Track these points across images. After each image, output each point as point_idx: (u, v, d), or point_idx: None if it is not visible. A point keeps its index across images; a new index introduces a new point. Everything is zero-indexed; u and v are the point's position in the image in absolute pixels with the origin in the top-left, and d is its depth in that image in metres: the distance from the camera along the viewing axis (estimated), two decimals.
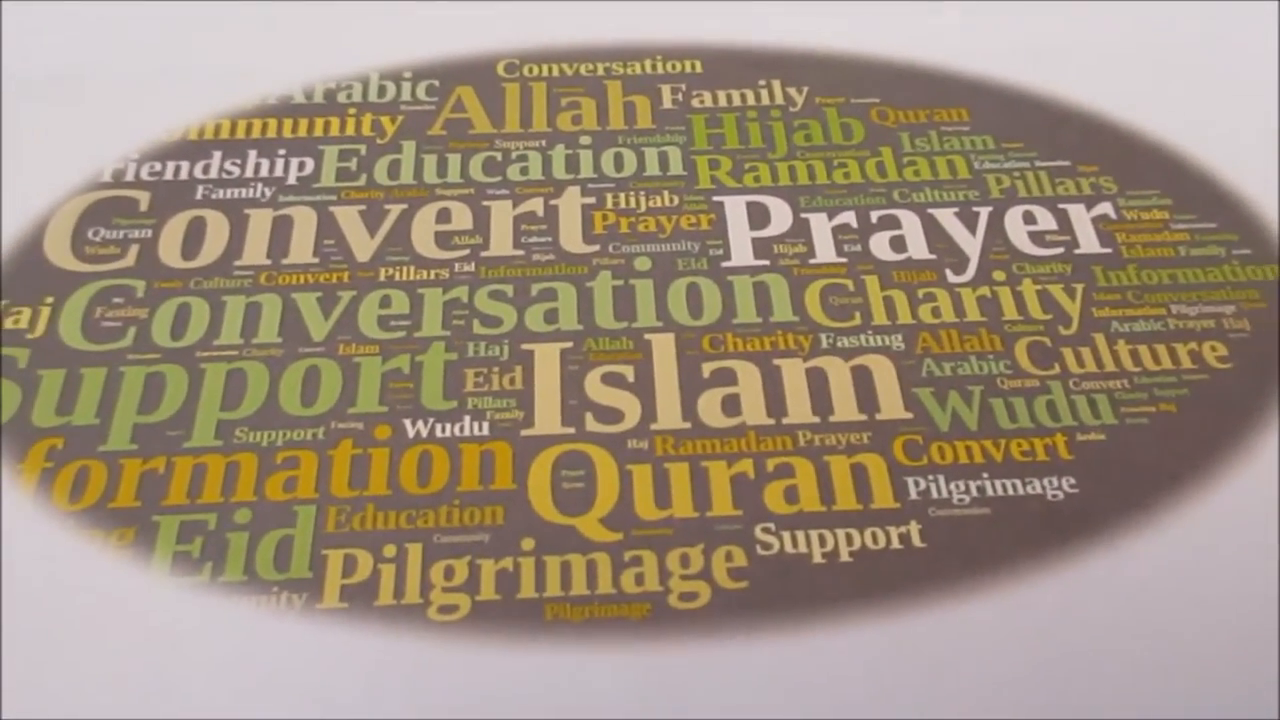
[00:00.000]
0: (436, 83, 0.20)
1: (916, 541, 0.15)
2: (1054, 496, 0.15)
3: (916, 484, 0.15)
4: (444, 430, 0.16)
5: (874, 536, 0.15)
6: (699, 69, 0.20)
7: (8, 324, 0.16)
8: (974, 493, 0.15)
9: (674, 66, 0.20)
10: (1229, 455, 0.15)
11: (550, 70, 0.20)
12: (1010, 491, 0.15)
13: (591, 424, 0.16)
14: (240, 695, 0.14)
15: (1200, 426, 0.16)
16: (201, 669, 0.14)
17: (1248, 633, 0.14)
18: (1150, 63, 0.20)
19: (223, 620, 0.14)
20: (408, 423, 0.16)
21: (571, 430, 0.16)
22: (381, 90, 0.20)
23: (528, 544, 0.15)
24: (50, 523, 0.15)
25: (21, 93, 0.19)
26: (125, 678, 0.14)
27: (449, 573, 0.14)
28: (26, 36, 0.19)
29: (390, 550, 0.14)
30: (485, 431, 0.16)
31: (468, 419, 0.16)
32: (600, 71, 0.20)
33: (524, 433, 0.15)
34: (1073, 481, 0.15)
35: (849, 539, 0.15)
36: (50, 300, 0.17)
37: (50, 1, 0.20)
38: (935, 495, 0.15)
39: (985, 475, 0.15)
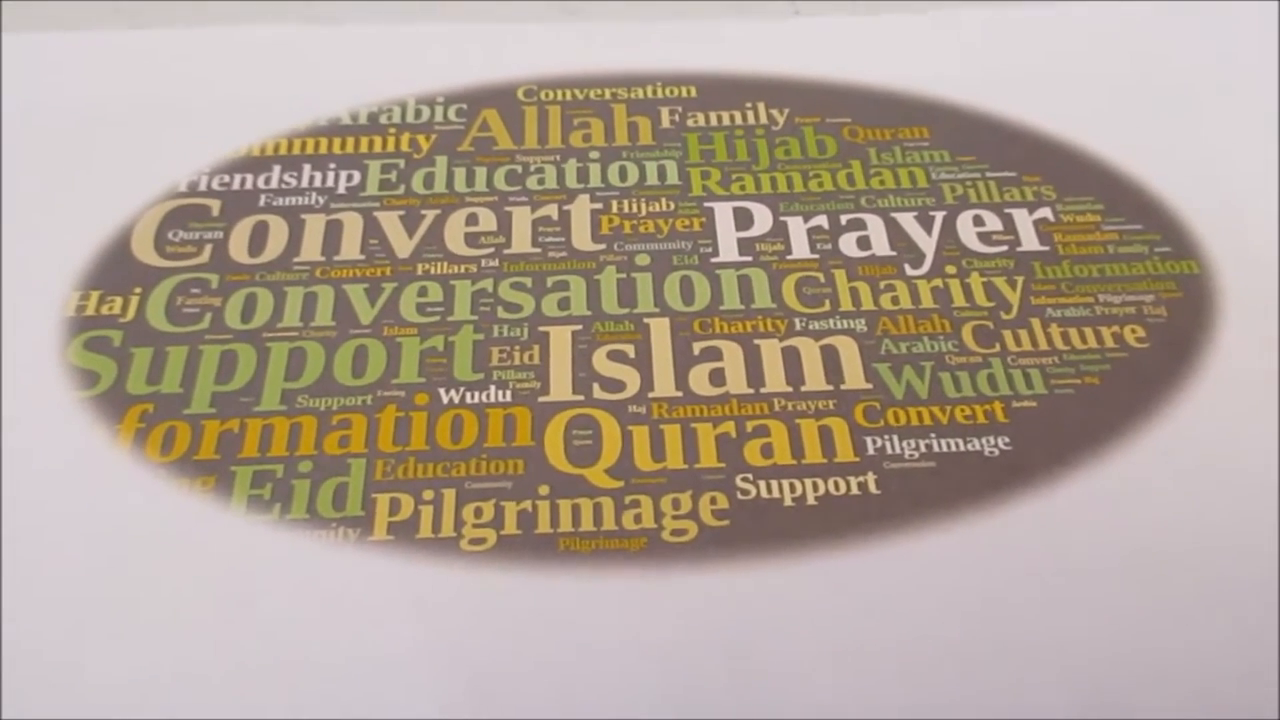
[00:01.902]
0: (465, 106, 0.22)
1: (873, 489, 0.17)
2: (990, 453, 0.17)
3: (874, 442, 0.18)
4: (473, 397, 0.18)
5: (836, 484, 0.17)
6: (694, 93, 0.22)
7: (103, 310, 0.19)
8: (922, 449, 0.17)
9: (672, 91, 0.22)
10: (1143, 420, 0.18)
11: (563, 95, 0.22)
12: (953, 448, 0.17)
13: (598, 392, 0.18)
14: (303, 612, 0.16)
15: (1119, 396, 0.18)
16: (271, 591, 0.16)
17: (1152, 566, 0.16)
18: (1089, 88, 0.22)
19: (289, 551, 0.16)
20: (442, 391, 0.18)
21: (581, 397, 0.18)
22: (418, 113, 0.22)
23: (544, 489, 0.17)
24: (144, 472, 0.17)
25: (108, 118, 0.21)
26: (208, 599, 0.16)
27: (478, 512, 0.17)
28: (110, 68, 0.22)
29: (428, 494, 0.17)
30: (508, 398, 0.18)
31: (493, 388, 0.18)
32: (607, 96, 0.22)
33: (541, 399, 0.18)
34: (1007, 440, 0.18)
35: (815, 486, 0.17)
36: (138, 290, 0.19)
37: (130, 33, 0.23)
38: (889, 451, 0.17)
39: (932, 435, 0.18)
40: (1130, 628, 0.15)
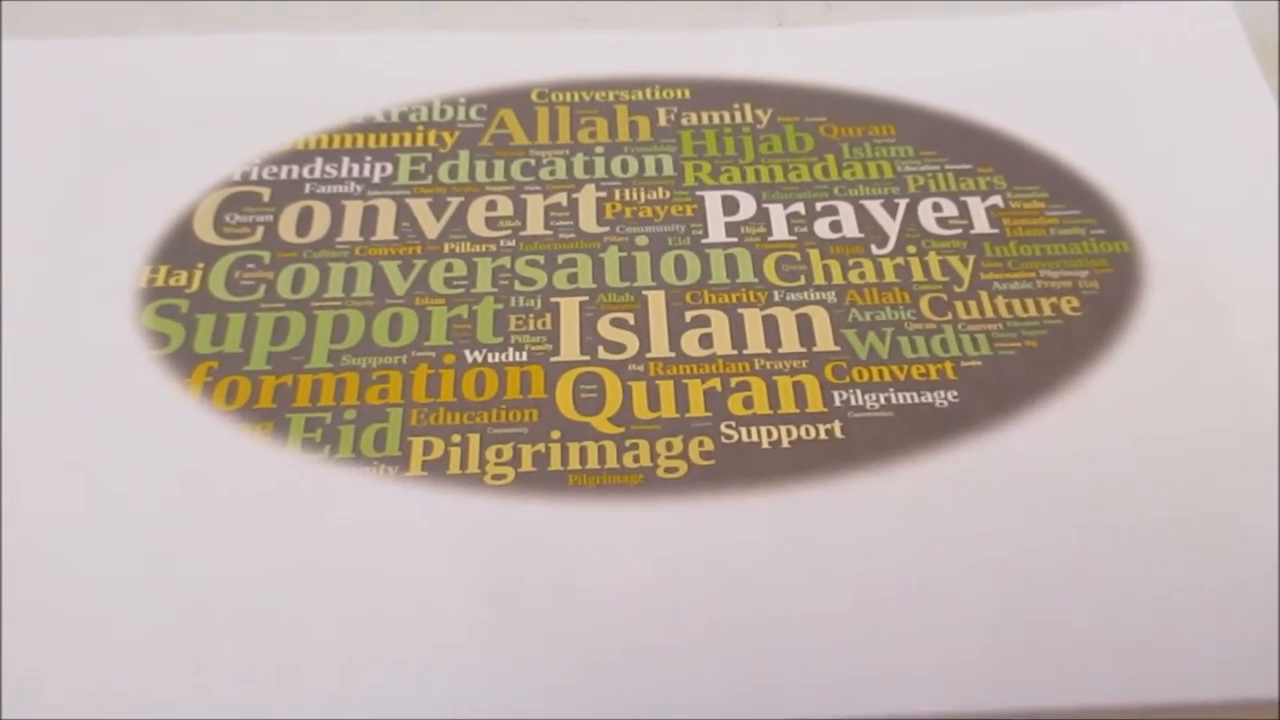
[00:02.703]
0: (484, 106, 0.25)
1: (839, 435, 0.20)
2: (941, 404, 0.20)
3: (840, 395, 0.20)
4: (494, 357, 0.21)
5: (807, 431, 0.20)
6: (687, 95, 0.25)
7: (171, 282, 0.22)
8: (882, 401, 0.20)
9: (668, 94, 0.25)
10: (1074, 377, 0.20)
11: (571, 97, 0.25)
12: (909, 400, 0.20)
13: (602, 353, 0.21)
14: (349, 536, 0.19)
15: (1054, 357, 0.21)
16: (320, 519, 0.19)
17: (1080, 499, 0.19)
18: (1037, 91, 0.24)
19: (338, 485, 0.19)
20: (467, 352, 0.21)
21: (587, 358, 0.21)
22: (443, 112, 0.25)
23: (555, 434, 0.20)
24: (211, 419, 0.20)
25: (171, 117, 0.24)
26: (269, 525, 0.19)
27: (499, 453, 0.19)
28: (171, 72, 0.25)
29: (456, 438, 0.19)
30: (524, 358, 0.21)
31: (511, 350, 0.21)
32: (610, 98, 0.25)
33: (553, 359, 0.20)
34: (955, 394, 0.20)
35: (789, 432, 0.20)
36: (201, 265, 0.22)
37: (189, 39, 0.25)
38: (854, 403, 0.20)
39: (891, 389, 0.20)
40: (1056, 551, 0.18)
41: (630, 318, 0.21)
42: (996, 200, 0.23)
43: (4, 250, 0.22)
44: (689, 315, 0.21)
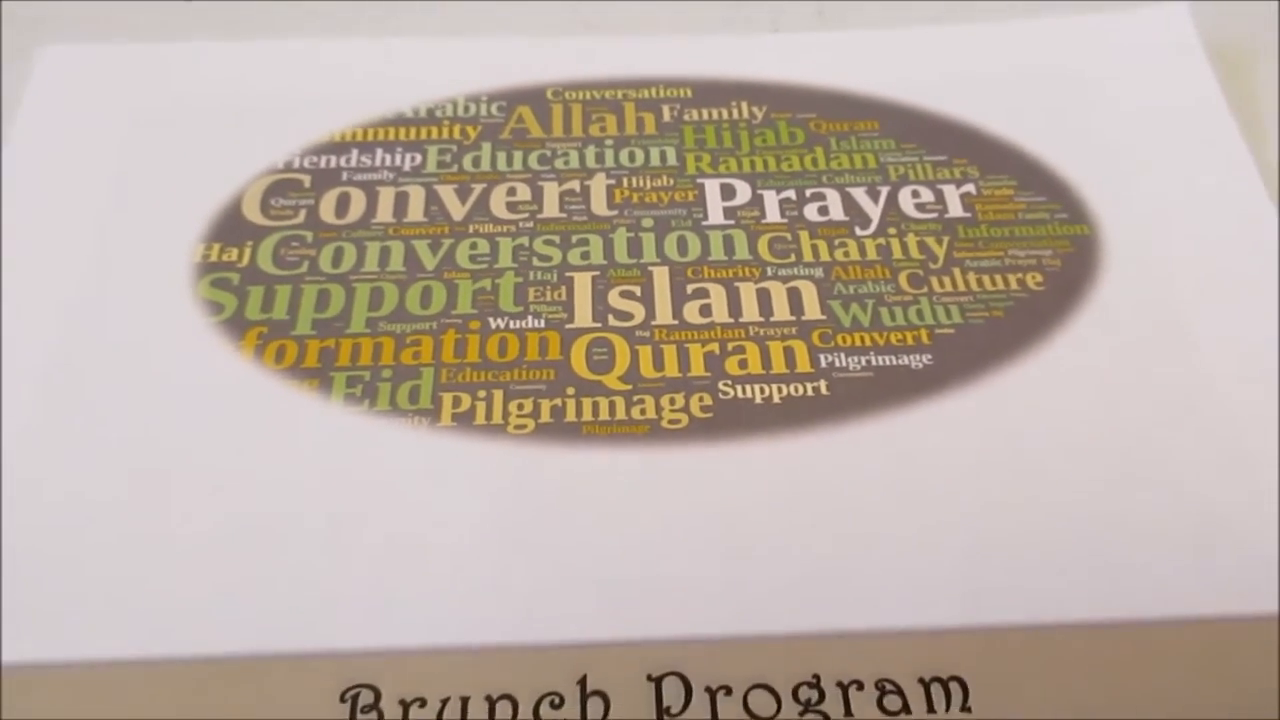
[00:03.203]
0: (504, 103, 0.27)
1: (824, 392, 0.22)
2: (916, 366, 0.22)
3: (826, 358, 0.22)
4: (515, 324, 0.23)
5: (796, 388, 0.22)
6: (690, 94, 0.27)
7: (224, 258, 0.24)
8: (863, 363, 0.22)
9: (671, 92, 0.27)
10: (1037, 343, 0.23)
11: (584, 95, 0.27)
12: (888, 363, 0.22)
13: (612, 321, 0.23)
14: (386, 480, 0.21)
15: (1019, 326, 0.23)
16: (361, 463, 0.21)
17: (1041, 453, 0.21)
18: (1009, 90, 0.27)
19: (376, 434, 0.21)
20: (491, 319, 0.23)
21: (599, 325, 0.23)
22: (466, 108, 0.27)
23: (570, 390, 0.22)
24: (262, 377, 0.22)
25: (221, 113, 0.26)
26: (314, 470, 0.21)
27: (520, 406, 0.21)
28: (222, 73, 0.27)
29: (482, 393, 0.22)
30: (542, 325, 0.23)
31: (530, 318, 0.23)
32: (619, 96, 0.27)
33: (567, 326, 0.23)
34: (930, 358, 0.22)
35: (779, 390, 0.22)
36: (250, 243, 0.24)
37: (238, 44, 0.28)
38: (838, 365, 0.22)
39: (871, 353, 0.22)
40: (1016, 490, 0.20)
41: (637, 290, 0.23)
42: (970, 188, 0.25)
43: (74, 234, 0.24)
44: (690, 288, 0.23)
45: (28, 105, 0.27)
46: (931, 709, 0.18)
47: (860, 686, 0.18)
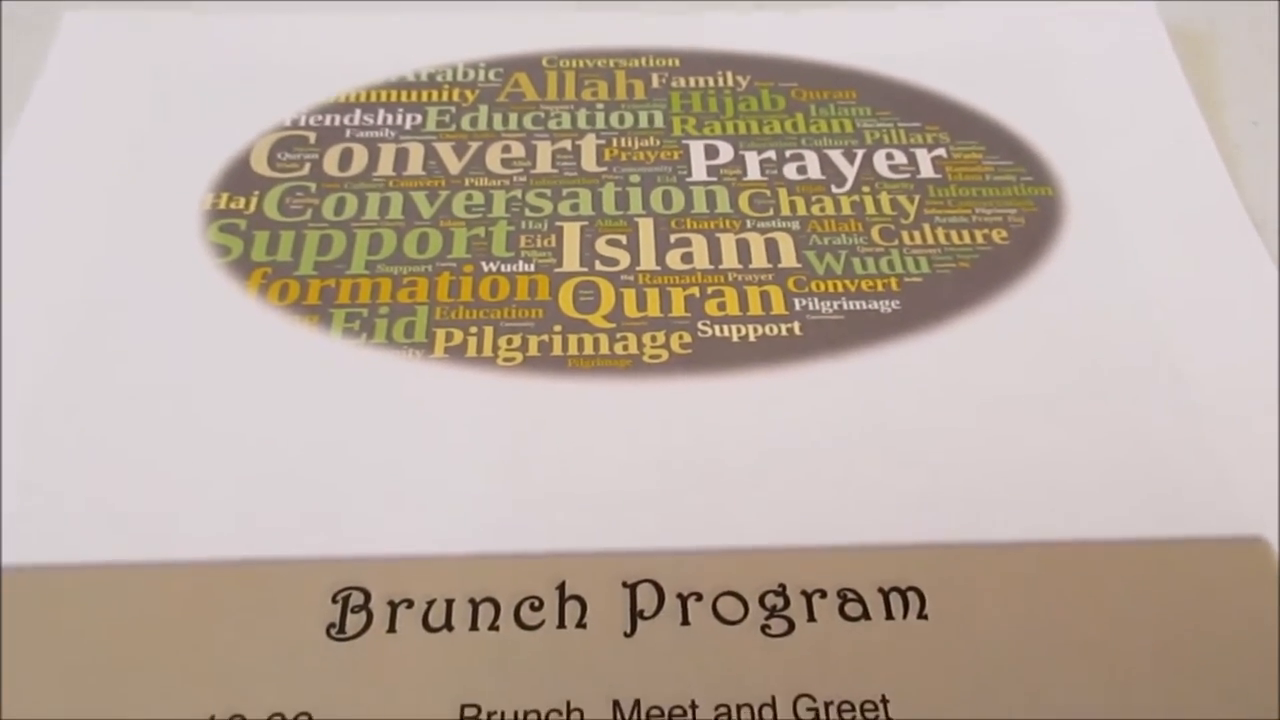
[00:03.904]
0: (501, 69, 0.28)
1: (798, 333, 0.23)
2: (885, 311, 0.23)
3: (800, 302, 0.24)
4: (506, 268, 0.24)
5: (771, 329, 0.23)
6: (677, 64, 0.29)
7: (231, 206, 0.25)
8: (835, 307, 0.23)
9: (660, 62, 0.29)
10: (1000, 293, 0.24)
11: (577, 63, 0.29)
12: (859, 308, 0.23)
13: (598, 266, 0.24)
14: (382, 407, 0.22)
15: (984, 276, 0.24)
16: (359, 392, 0.22)
17: (1002, 391, 0.22)
18: (980, 63, 0.28)
19: (373, 364, 0.22)
20: (483, 263, 0.24)
21: (586, 269, 0.24)
22: (465, 74, 0.28)
23: (557, 328, 0.23)
24: (266, 313, 0.23)
25: (232, 74, 0.28)
26: (315, 398, 0.22)
27: (509, 341, 0.23)
28: (233, 37, 0.29)
29: (474, 329, 0.23)
30: (532, 269, 0.24)
31: (521, 262, 0.24)
32: (610, 64, 0.29)
33: (556, 270, 0.24)
34: (898, 304, 0.23)
35: (755, 330, 0.23)
36: (257, 193, 0.25)
37: (249, 9, 0.29)
38: (811, 308, 0.23)
39: (844, 298, 0.24)
40: (975, 422, 0.21)
41: (623, 239, 0.25)
42: (941, 152, 0.27)
43: (96, 183, 0.25)
44: (673, 238, 0.25)
45: (53, 65, 0.28)
46: (890, 616, 0.19)
47: (823, 595, 0.19)
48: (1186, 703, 0.18)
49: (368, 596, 0.19)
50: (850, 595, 0.19)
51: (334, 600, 0.19)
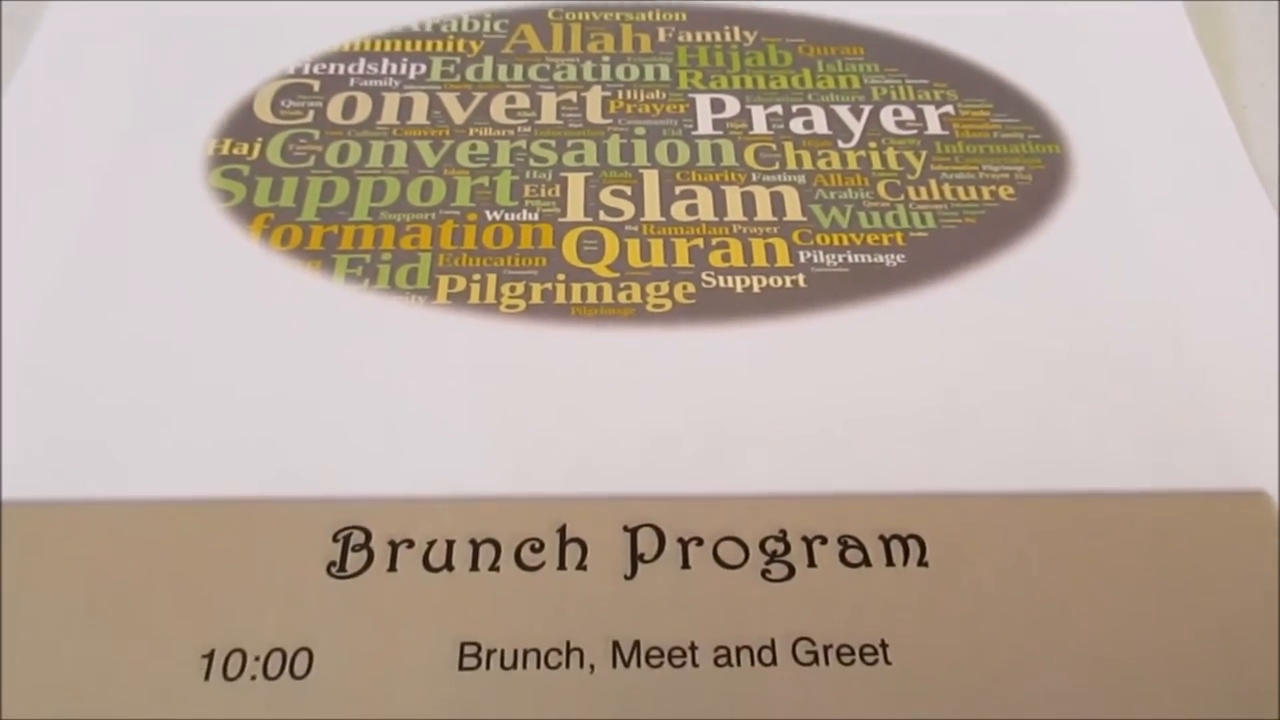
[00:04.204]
0: (507, 21, 0.28)
1: (802, 284, 0.23)
2: (890, 265, 0.23)
3: (805, 254, 0.23)
4: (510, 217, 0.24)
5: (775, 281, 0.23)
6: (684, 18, 0.28)
7: (234, 151, 0.25)
8: (840, 260, 0.23)
9: (668, 16, 0.28)
10: (1006, 249, 0.24)
11: (584, 16, 0.28)
12: (863, 261, 0.23)
13: (603, 216, 0.24)
14: (384, 350, 0.22)
15: (990, 232, 0.24)
16: (361, 335, 0.22)
17: (999, 348, 0.22)
18: (988, 22, 0.28)
19: (375, 309, 0.22)
20: (487, 212, 0.24)
21: (590, 219, 0.24)
22: (470, 25, 0.28)
23: (561, 276, 0.23)
24: (269, 257, 0.23)
25: (238, 25, 0.28)
26: (316, 341, 0.22)
27: (513, 289, 0.23)
28: None
29: (476, 276, 0.23)
30: (536, 218, 0.24)
31: (525, 211, 0.24)
32: (617, 18, 0.28)
33: (560, 219, 0.24)
34: (903, 258, 0.23)
35: (759, 281, 0.23)
36: (260, 140, 0.25)
37: None
38: (816, 261, 0.23)
39: (848, 251, 0.24)
40: (975, 374, 0.21)
41: (628, 190, 0.24)
42: (949, 109, 0.26)
43: (100, 128, 0.25)
44: (678, 190, 0.24)
45: (55, 10, 0.28)
46: (890, 563, 0.19)
47: (824, 541, 0.19)
48: (1184, 655, 0.18)
49: (368, 536, 0.19)
50: (851, 542, 0.19)
51: (334, 539, 0.19)
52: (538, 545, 0.19)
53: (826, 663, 0.18)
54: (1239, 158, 0.26)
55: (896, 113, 0.26)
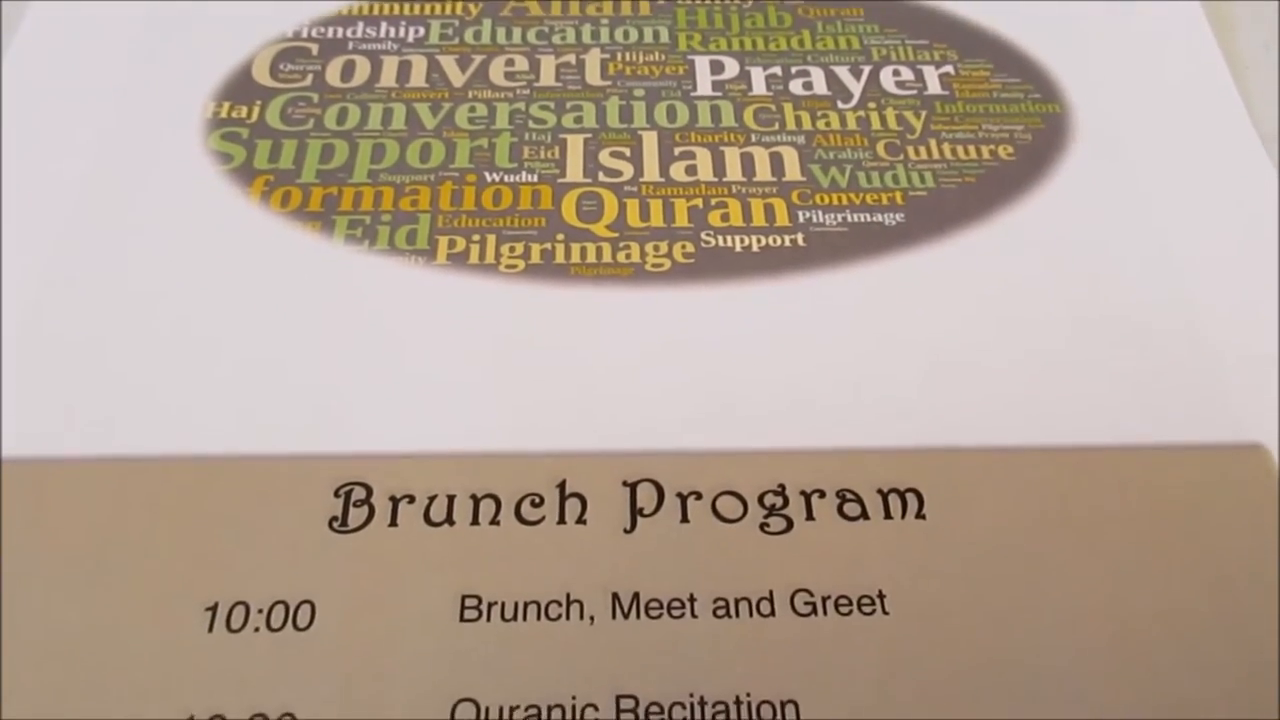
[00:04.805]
0: None
1: (801, 243, 0.23)
2: (889, 224, 0.23)
3: (804, 214, 0.23)
4: (509, 178, 0.24)
5: (774, 240, 0.23)
6: None
7: (233, 114, 0.25)
8: (839, 219, 0.23)
9: None
10: (1004, 207, 0.24)
11: None
12: (862, 220, 0.23)
13: (602, 177, 0.24)
14: (384, 309, 0.22)
15: (989, 191, 0.24)
16: (360, 293, 0.22)
17: (998, 302, 0.22)
18: None
19: (375, 269, 0.22)
20: (486, 173, 0.24)
21: (589, 180, 0.24)
22: None
23: (560, 236, 0.23)
24: (269, 219, 0.23)
25: None
26: (316, 301, 0.22)
27: (512, 249, 0.23)
28: None
29: (476, 237, 0.23)
30: (535, 179, 0.24)
31: (524, 172, 0.24)
32: None
33: (559, 180, 0.24)
34: (902, 217, 0.23)
35: (759, 240, 0.23)
36: (259, 103, 0.25)
37: None
38: (815, 220, 0.23)
39: (848, 211, 0.24)
40: (972, 330, 0.21)
41: (627, 151, 0.24)
42: (948, 69, 0.26)
43: (99, 91, 0.25)
44: (677, 151, 0.24)
45: None
46: (889, 516, 0.19)
47: (822, 495, 0.19)
48: (1180, 607, 0.18)
49: (369, 491, 0.19)
50: (849, 496, 0.19)
51: (336, 494, 0.19)
52: (538, 500, 0.19)
53: (824, 613, 0.18)
54: (1241, 120, 0.26)
55: (896, 73, 0.26)
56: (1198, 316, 0.22)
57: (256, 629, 0.18)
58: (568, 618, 0.18)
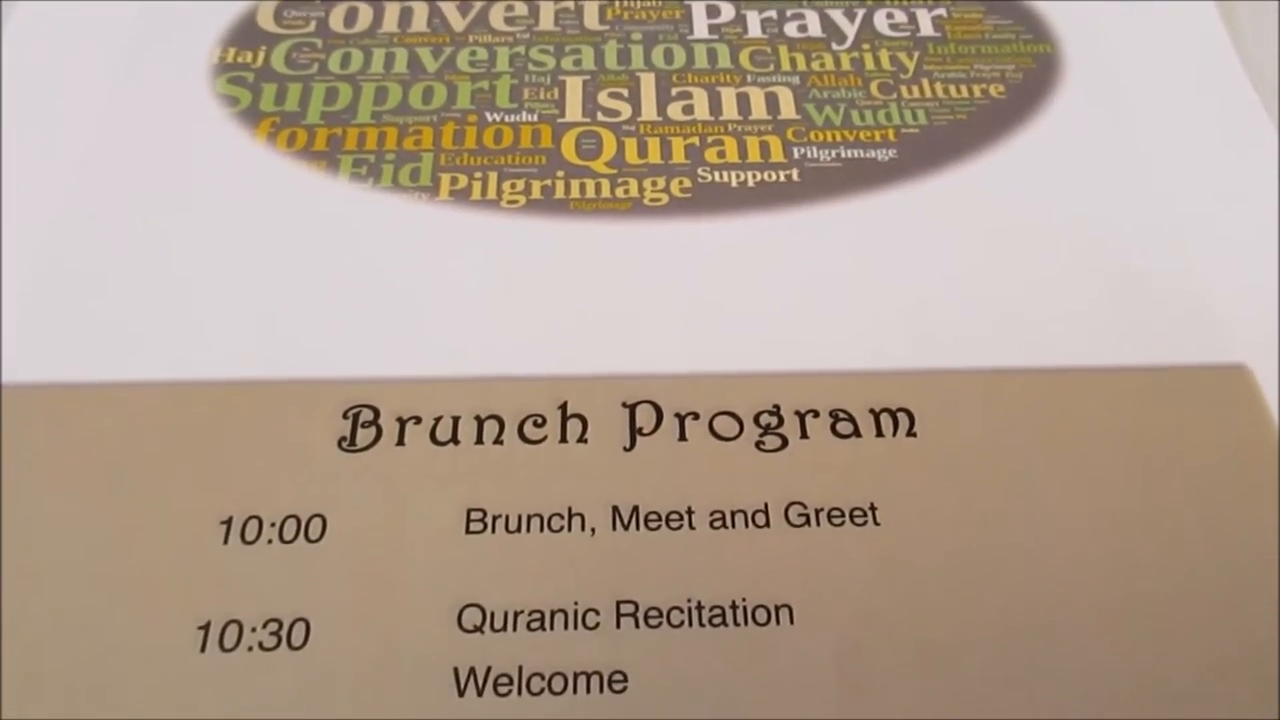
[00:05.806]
0: None
1: (795, 179, 0.23)
2: (882, 159, 0.24)
3: (799, 150, 0.24)
4: (510, 118, 0.25)
5: (769, 175, 0.24)
6: None
7: (239, 60, 0.26)
8: (833, 155, 0.24)
9: None
10: (995, 144, 0.24)
11: None
12: (856, 156, 0.24)
13: (600, 117, 0.24)
14: (388, 244, 0.22)
15: (981, 128, 0.24)
16: (366, 225, 0.22)
17: (988, 235, 0.23)
18: None
19: (379, 206, 0.23)
20: (487, 114, 0.25)
21: (588, 120, 0.25)
22: None
23: (560, 173, 0.23)
24: (275, 158, 0.24)
25: None
26: (323, 238, 0.23)
27: (513, 185, 0.23)
28: None
29: (478, 174, 0.23)
30: (535, 119, 0.25)
31: (524, 113, 0.25)
32: None
33: (559, 120, 0.24)
34: (895, 153, 0.24)
35: (754, 176, 0.23)
36: (264, 48, 0.26)
37: None
38: (809, 156, 0.24)
39: (841, 147, 0.24)
40: (963, 261, 0.22)
41: (625, 92, 0.25)
42: (941, 12, 0.27)
43: (108, 40, 0.26)
44: (674, 91, 0.25)
45: None
46: (880, 434, 0.20)
47: (816, 414, 0.20)
48: (1162, 520, 0.19)
49: (377, 413, 0.20)
50: (842, 415, 0.20)
51: (344, 416, 0.20)
52: (540, 420, 0.20)
53: (817, 524, 0.19)
54: (1230, 58, 0.26)
55: (890, 15, 0.27)
56: (1185, 245, 0.22)
57: (270, 541, 0.18)
58: (569, 529, 0.19)
